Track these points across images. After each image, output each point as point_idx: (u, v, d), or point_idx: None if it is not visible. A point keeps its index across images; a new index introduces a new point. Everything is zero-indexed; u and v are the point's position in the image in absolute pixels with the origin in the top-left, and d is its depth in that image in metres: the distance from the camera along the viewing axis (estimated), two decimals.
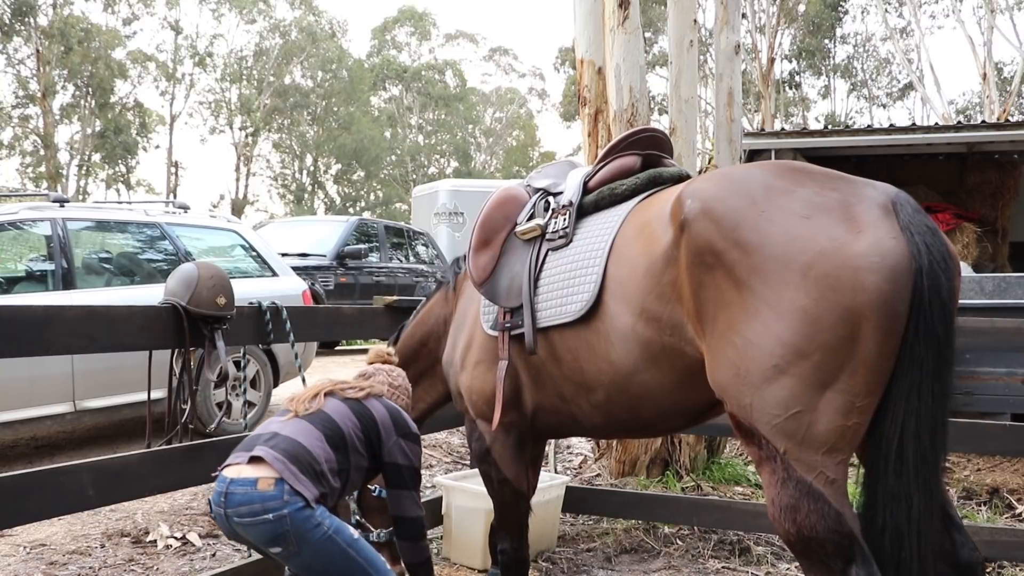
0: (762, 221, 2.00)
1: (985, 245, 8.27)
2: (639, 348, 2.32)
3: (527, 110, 51.21)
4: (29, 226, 5.69)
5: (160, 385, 3.32)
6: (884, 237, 1.89)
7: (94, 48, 34.82)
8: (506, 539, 2.96)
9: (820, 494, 1.89)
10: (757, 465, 2.04)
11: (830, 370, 1.88)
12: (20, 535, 4.11)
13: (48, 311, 2.64)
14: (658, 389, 2.36)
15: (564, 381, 2.60)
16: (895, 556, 1.90)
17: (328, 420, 2.45)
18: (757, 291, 1.96)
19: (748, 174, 2.16)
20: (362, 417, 2.53)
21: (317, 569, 2.26)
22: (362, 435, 2.50)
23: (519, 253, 2.77)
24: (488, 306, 2.79)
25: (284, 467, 2.24)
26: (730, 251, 2.02)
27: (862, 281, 1.86)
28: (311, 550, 2.20)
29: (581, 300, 2.47)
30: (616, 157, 2.79)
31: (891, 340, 1.89)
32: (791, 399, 1.91)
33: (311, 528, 2.20)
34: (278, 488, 2.20)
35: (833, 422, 1.89)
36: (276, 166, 45.03)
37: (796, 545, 1.95)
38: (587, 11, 5.12)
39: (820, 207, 1.97)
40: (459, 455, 5.92)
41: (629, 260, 2.39)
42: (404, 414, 2.66)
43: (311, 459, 2.31)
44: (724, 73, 6.25)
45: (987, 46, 25.16)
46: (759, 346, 1.94)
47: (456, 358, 2.98)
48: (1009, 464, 5.24)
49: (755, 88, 29.81)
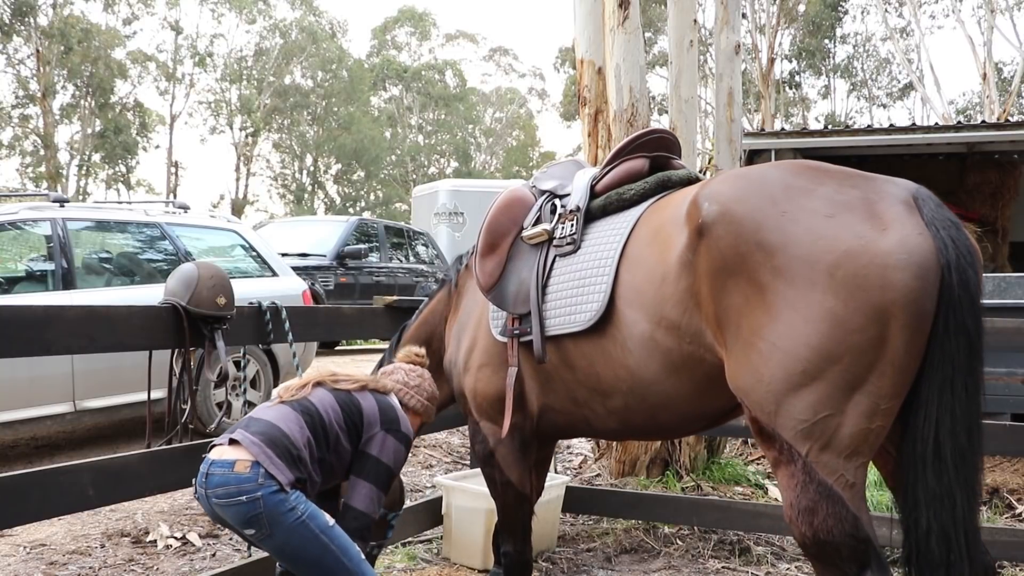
0: (785, 221, 1.96)
1: (985, 245, 8.26)
2: (659, 357, 2.28)
3: (527, 110, 51.22)
4: (29, 226, 5.69)
5: (160, 385, 3.32)
6: (911, 233, 1.86)
7: (94, 48, 34.80)
8: (509, 541, 2.95)
9: (839, 497, 1.86)
10: (774, 467, 2.00)
11: (859, 372, 1.85)
12: (20, 535, 4.11)
13: (48, 311, 2.64)
14: (678, 396, 2.32)
15: (578, 386, 2.56)
16: (944, 558, 1.85)
17: (310, 407, 2.45)
18: (782, 293, 1.92)
19: (765, 174, 2.11)
20: (346, 406, 2.51)
21: (289, 553, 2.29)
22: (344, 424, 2.49)
23: (526, 258, 2.73)
24: (496, 311, 2.75)
25: (260, 450, 2.27)
26: (753, 254, 1.97)
27: (890, 279, 1.83)
28: (284, 533, 2.24)
29: (591, 309, 2.43)
30: (624, 160, 2.74)
31: (919, 339, 1.86)
32: (819, 404, 1.87)
33: (284, 512, 2.23)
34: (253, 471, 2.24)
35: (858, 425, 1.86)
36: (276, 166, 45.06)
37: (811, 548, 1.93)
38: (587, 11, 5.12)
39: (843, 205, 1.93)
40: (459, 455, 5.92)
41: (644, 266, 2.34)
42: (398, 412, 2.60)
43: (288, 444, 2.33)
44: (724, 73, 6.25)
45: (987, 46, 25.15)
46: (786, 351, 1.90)
47: (460, 360, 2.95)
48: (1009, 464, 5.24)
49: (755, 88, 29.79)
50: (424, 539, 4.19)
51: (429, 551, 4.08)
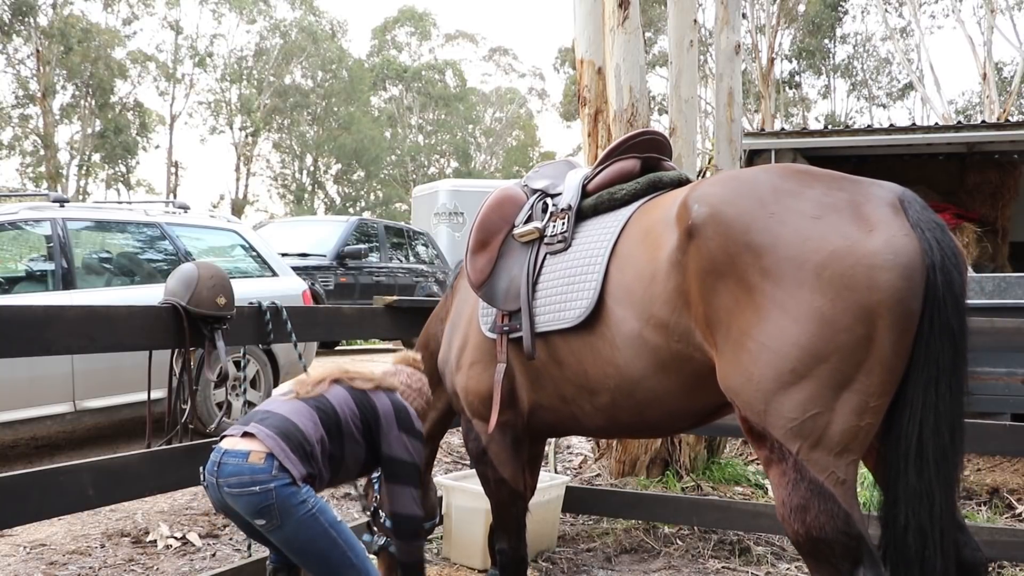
0: (773, 223, 1.99)
1: (985, 245, 8.25)
2: (647, 354, 2.31)
3: (527, 110, 51.23)
4: (29, 226, 5.70)
5: (160, 385, 3.32)
6: (897, 235, 1.89)
7: (94, 48, 34.78)
8: (504, 539, 2.96)
9: (831, 495, 1.89)
10: (766, 466, 2.03)
11: (847, 371, 1.88)
12: (20, 535, 4.11)
13: (48, 311, 2.64)
14: (665, 394, 2.34)
15: (565, 383, 2.59)
16: (920, 554, 1.88)
17: (326, 404, 2.48)
18: (770, 294, 1.94)
19: (754, 177, 2.15)
20: (362, 406, 2.54)
21: (297, 546, 2.32)
22: (360, 424, 2.51)
23: (517, 256, 2.75)
24: (486, 308, 2.78)
25: (275, 444, 2.30)
26: (742, 255, 2.00)
27: (877, 279, 1.86)
28: (293, 525, 2.27)
29: (580, 306, 2.45)
30: (615, 160, 2.77)
31: (905, 338, 1.89)
32: (809, 402, 1.90)
33: (295, 504, 2.26)
34: (268, 463, 2.27)
35: (848, 423, 1.89)
36: (276, 166, 45.06)
37: (804, 546, 1.95)
38: (587, 11, 5.12)
39: (830, 207, 1.96)
40: (459, 455, 5.92)
41: (634, 266, 2.37)
42: (411, 411, 2.66)
43: (302, 439, 2.36)
44: (724, 73, 6.25)
45: (987, 46, 25.13)
46: (775, 350, 1.93)
47: (452, 358, 2.97)
48: (1009, 464, 5.24)
49: (755, 88, 29.79)
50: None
51: (429, 551, 4.09)
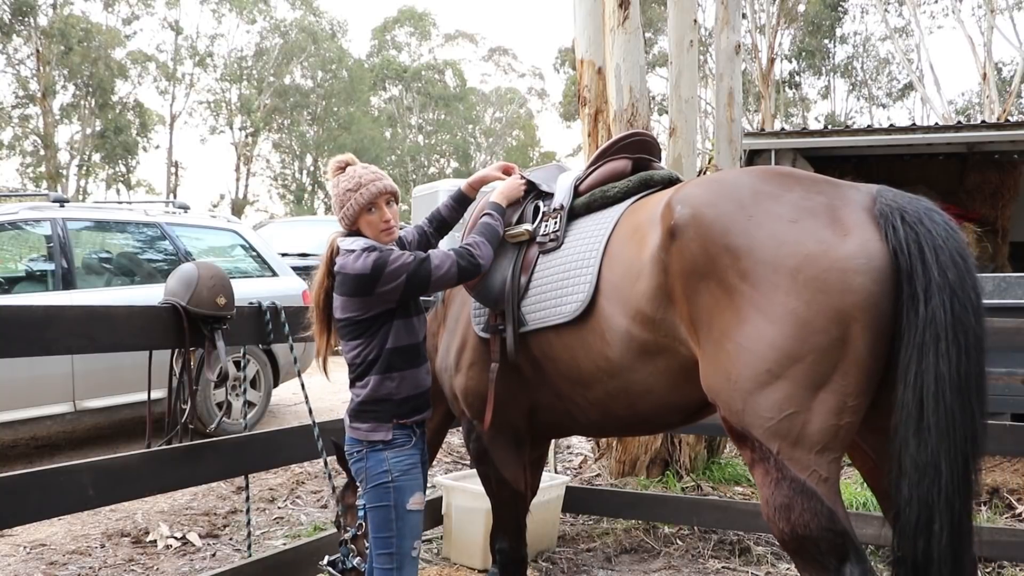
0: (751, 226, 2.02)
1: (985, 245, 8.25)
2: (635, 347, 2.35)
3: (527, 110, 51.22)
4: (29, 226, 5.70)
5: (160, 385, 3.32)
6: (871, 239, 1.92)
7: (94, 48, 34.79)
8: (504, 539, 2.98)
9: (813, 492, 1.90)
10: (750, 466, 2.06)
11: (823, 371, 1.90)
12: (20, 535, 4.12)
13: (48, 311, 2.64)
14: (656, 385, 2.38)
15: (560, 378, 2.61)
16: (927, 529, 1.83)
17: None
18: (748, 296, 1.98)
19: (737, 179, 2.19)
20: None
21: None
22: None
23: (509, 256, 2.78)
24: (480, 308, 2.80)
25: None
26: (721, 257, 2.04)
27: (850, 283, 1.89)
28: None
29: (576, 301, 2.48)
30: (607, 161, 2.82)
31: (881, 341, 1.91)
32: (785, 401, 1.92)
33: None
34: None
35: (826, 422, 1.91)
36: (276, 166, 45.05)
37: (790, 544, 1.97)
38: (587, 11, 5.12)
39: (807, 211, 2.00)
40: (459, 455, 5.92)
41: (622, 263, 2.41)
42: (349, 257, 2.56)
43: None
44: (724, 73, 6.25)
45: (987, 46, 25.12)
46: (752, 351, 1.96)
47: (450, 361, 2.98)
48: (1009, 464, 5.24)
49: (755, 88, 29.79)
50: (424, 539, 4.19)
51: (429, 551, 4.09)
